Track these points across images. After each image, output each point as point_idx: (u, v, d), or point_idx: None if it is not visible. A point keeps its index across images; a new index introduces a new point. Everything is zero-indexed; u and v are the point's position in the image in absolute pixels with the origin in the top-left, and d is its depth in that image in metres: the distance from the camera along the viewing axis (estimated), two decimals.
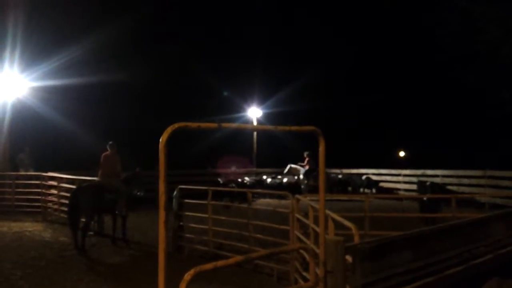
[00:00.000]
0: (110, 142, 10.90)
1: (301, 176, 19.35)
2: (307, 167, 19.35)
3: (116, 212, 10.23)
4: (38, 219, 13.44)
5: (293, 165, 19.95)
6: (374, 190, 20.21)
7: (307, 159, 19.54)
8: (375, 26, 37.39)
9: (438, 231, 4.01)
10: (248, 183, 18.75)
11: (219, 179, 18.68)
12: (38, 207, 14.09)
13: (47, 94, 18.42)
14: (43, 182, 14.08)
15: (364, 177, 20.71)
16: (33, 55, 17.37)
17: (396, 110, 39.13)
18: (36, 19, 17.06)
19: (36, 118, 19.72)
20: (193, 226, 9.37)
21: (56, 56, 18.52)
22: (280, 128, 3.51)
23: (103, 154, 10.79)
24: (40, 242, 10.39)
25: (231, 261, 3.08)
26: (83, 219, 9.92)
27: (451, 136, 35.59)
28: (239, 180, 19.19)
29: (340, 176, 20.59)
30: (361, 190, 20.19)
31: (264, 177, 20.57)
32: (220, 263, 2.97)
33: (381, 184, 21.35)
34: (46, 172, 14.33)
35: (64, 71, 18.91)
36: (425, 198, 11.02)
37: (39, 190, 14.21)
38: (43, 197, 13.99)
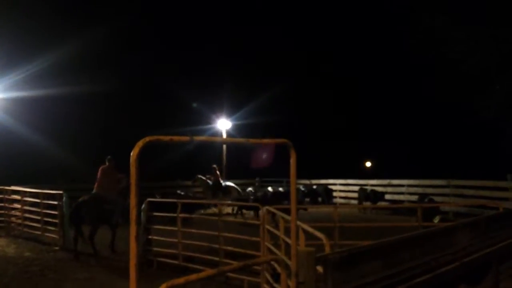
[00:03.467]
0: (109, 157, 11.12)
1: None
2: (213, 180, 19.05)
3: (113, 223, 10.48)
4: (1, 235, 13.02)
5: (200, 176, 19.40)
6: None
7: (215, 171, 19.25)
8: (342, 38, 38.18)
9: (407, 240, 4.09)
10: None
11: (179, 191, 17.97)
12: (1, 221, 13.67)
13: (12, 105, 18.00)
14: (6, 196, 13.68)
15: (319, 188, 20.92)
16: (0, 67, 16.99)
17: (363, 121, 39.92)
18: (1, 31, 16.72)
19: (0, 130, 19.20)
20: (162, 240, 9.26)
21: (22, 68, 18.20)
22: (252, 140, 3.53)
23: (101, 167, 11.01)
24: (3, 257, 10.06)
25: (203, 274, 3.06)
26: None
27: (417, 146, 36.46)
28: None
29: (302, 189, 20.42)
30: (319, 200, 20.44)
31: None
32: (192, 277, 2.94)
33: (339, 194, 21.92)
34: (9, 185, 13.93)
35: (30, 83, 18.60)
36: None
37: (2, 204, 13.79)
38: (6, 212, 13.58)
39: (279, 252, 5.88)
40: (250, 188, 19.93)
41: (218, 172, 19.39)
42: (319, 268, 3.42)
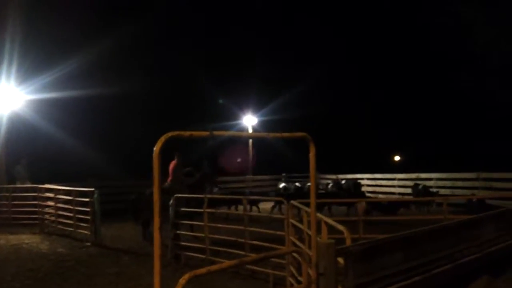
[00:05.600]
0: (177, 153, 11.99)
1: None
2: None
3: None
4: (35, 231, 13.44)
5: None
6: None
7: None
8: (370, 33, 37.75)
9: (427, 233, 4.10)
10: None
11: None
12: (35, 219, 14.08)
13: (44, 107, 18.50)
14: (40, 194, 14.10)
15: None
16: (30, 69, 17.50)
17: (391, 115, 39.38)
18: (33, 33, 17.21)
19: (32, 130, 19.78)
20: (189, 234, 9.43)
21: (53, 69, 18.63)
22: (272, 135, 3.61)
23: (171, 162, 11.94)
24: (37, 253, 10.42)
25: (224, 265, 3.16)
26: None
27: (445, 140, 35.81)
28: None
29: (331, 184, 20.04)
30: None
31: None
32: (214, 267, 3.05)
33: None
34: (43, 184, 14.36)
35: (60, 84, 19.02)
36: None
37: (36, 202, 14.22)
38: (40, 209, 14.00)
39: (303, 246, 5.94)
40: (283, 184, 19.92)
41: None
42: (340, 260, 3.48)
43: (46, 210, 13.80)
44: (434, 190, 17.43)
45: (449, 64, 18.40)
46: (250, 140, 23.35)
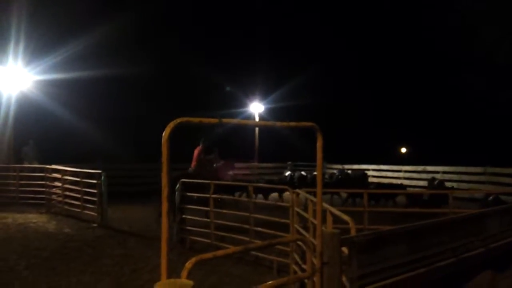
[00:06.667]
0: (203, 139, 12.66)
1: None
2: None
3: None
4: (42, 211, 13.61)
5: None
6: None
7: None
8: (377, 25, 37.44)
9: (432, 226, 4.12)
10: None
11: None
12: (42, 199, 14.25)
13: (51, 87, 18.53)
14: (47, 175, 14.23)
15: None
16: (37, 49, 17.46)
17: (399, 107, 39.21)
18: (40, 13, 17.15)
19: (40, 111, 19.86)
20: (195, 219, 9.50)
21: (60, 50, 18.60)
22: (279, 124, 3.61)
23: (197, 148, 12.54)
24: (44, 233, 10.55)
25: (229, 250, 3.20)
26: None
27: (453, 134, 35.66)
28: None
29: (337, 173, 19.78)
30: None
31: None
32: (219, 252, 3.09)
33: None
34: (50, 164, 14.48)
35: (68, 65, 19.02)
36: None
37: (43, 182, 14.36)
38: (47, 189, 14.14)
39: (307, 234, 5.99)
40: (289, 172, 19.96)
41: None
42: (345, 250, 3.51)
43: (53, 190, 13.94)
44: (450, 185, 17.29)
45: (459, 58, 18.29)
46: (257, 128, 23.33)
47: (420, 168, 19.98)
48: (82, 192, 12.39)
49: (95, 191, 11.74)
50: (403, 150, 42.51)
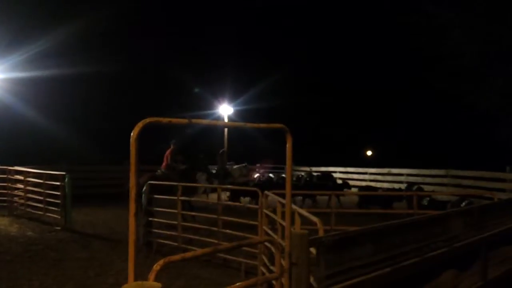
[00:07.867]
0: (173, 141, 12.73)
1: None
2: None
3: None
4: (4, 214, 13.21)
5: None
6: None
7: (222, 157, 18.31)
8: (344, 27, 38.03)
9: (396, 226, 4.20)
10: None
11: None
12: (4, 201, 13.85)
13: (16, 86, 18.04)
14: (9, 176, 13.83)
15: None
16: (1, 47, 16.99)
17: (365, 111, 39.87)
18: (4, 11, 16.71)
19: (3, 110, 19.29)
20: (162, 222, 9.40)
21: (25, 48, 18.18)
22: (249, 125, 3.61)
23: (168, 150, 12.58)
24: (6, 236, 10.25)
25: (198, 252, 3.18)
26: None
27: (417, 137, 36.51)
28: None
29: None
30: None
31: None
32: (188, 254, 3.06)
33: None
34: (12, 166, 14.07)
35: (33, 63, 18.58)
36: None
37: (5, 184, 13.95)
38: (9, 191, 13.75)
39: (275, 236, 6.01)
40: (257, 174, 20.07)
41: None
42: (313, 250, 3.54)
43: (16, 192, 13.56)
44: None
45: (424, 62, 18.73)
46: (226, 130, 23.29)
47: (385, 170, 20.37)
48: (44, 194, 12.08)
49: (58, 193, 11.47)
50: (369, 153, 43.25)
